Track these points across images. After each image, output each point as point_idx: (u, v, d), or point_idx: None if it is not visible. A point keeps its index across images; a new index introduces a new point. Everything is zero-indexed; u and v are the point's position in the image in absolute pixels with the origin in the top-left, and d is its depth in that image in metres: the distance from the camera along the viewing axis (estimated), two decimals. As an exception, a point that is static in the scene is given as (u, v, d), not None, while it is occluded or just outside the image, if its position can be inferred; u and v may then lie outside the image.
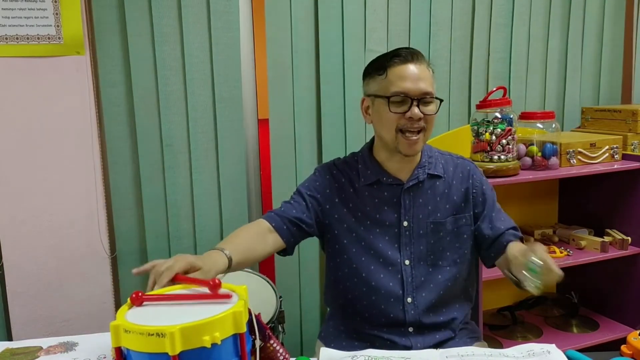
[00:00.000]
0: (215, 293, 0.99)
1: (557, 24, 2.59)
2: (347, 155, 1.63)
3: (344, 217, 1.52)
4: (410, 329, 1.49)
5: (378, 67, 1.47)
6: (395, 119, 1.42)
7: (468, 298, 1.61)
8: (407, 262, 1.49)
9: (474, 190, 1.54)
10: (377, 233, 1.50)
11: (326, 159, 2.24)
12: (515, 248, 1.42)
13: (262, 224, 1.46)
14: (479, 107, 2.08)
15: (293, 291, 2.28)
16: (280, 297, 1.71)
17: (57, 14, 1.90)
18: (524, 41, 2.53)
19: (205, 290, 1.03)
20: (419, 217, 1.50)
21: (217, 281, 0.99)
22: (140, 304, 0.98)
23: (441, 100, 1.45)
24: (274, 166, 2.21)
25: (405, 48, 1.48)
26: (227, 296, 0.98)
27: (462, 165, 1.57)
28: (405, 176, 1.51)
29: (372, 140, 1.57)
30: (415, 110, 1.40)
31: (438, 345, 1.50)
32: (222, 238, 2.17)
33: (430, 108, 1.44)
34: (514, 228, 1.53)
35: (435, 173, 1.52)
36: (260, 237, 1.44)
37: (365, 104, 1.52)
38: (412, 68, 1.42)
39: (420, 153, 1.52)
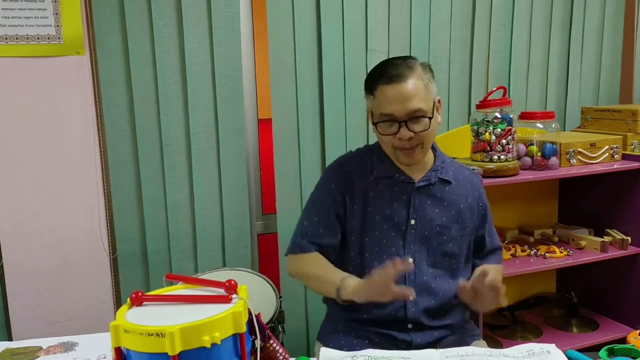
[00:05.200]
0: (230, 294, 0.99)
1: (557, 24, 2.59)
2: (360, 147, 1.65)
3: (357, 214, 1.53)
4: (410, 326, 1.52)
5: (369, 85, 1.48)
6: (389, 140, 1.46)
7: (465, 304, 1.61)
8: (410, 259, 1.51)
9: (480, 204, 1.60)
10: (385, 229, 1.52)
11: (329, 158, 2.24)
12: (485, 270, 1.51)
13: (319, 256, 1.54)
14: (478, 107, 2.08)
15: (298, 292, 2.28)
16: (280, 297, 1.71)
17: (57, 14, 1.90)
18: (524, 41, 2.53)
19: (204, 290, 1.03)
20: (427, 219, 1.52)
21: (232, 282, 1.00)
22: (140, 304, 0.98)
23: (430, 118, 1.44)
24: (277, 165, 2.20)
25: (395, 62, 1.46)
26: (227, 296, 0.98)
27: (470, 177, 1.62)
28: (418, 176, 1.54)
29: None
30: (404, 132, 1.43)
31: (437, 341, 1.52)
32: (223, 238, 2.18)
33: (422, 125, 1.44)
34: (499, 248, 1.66)
35: (446, 178, 1.56)
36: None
37: (370, 115, 1.54)
38: (398, 89, 1.41)
39: (433, 157, 1.57)
